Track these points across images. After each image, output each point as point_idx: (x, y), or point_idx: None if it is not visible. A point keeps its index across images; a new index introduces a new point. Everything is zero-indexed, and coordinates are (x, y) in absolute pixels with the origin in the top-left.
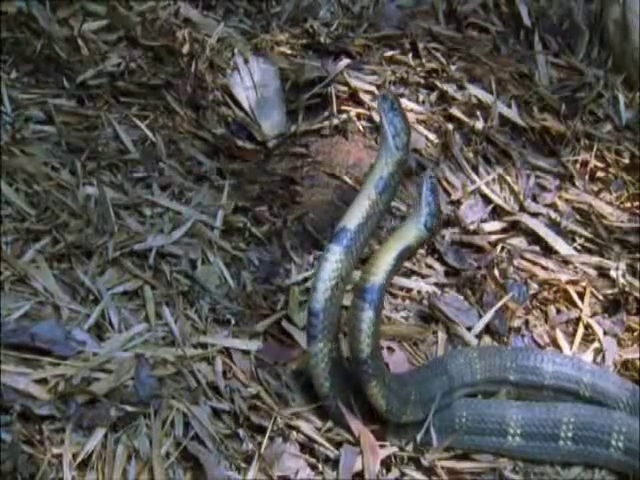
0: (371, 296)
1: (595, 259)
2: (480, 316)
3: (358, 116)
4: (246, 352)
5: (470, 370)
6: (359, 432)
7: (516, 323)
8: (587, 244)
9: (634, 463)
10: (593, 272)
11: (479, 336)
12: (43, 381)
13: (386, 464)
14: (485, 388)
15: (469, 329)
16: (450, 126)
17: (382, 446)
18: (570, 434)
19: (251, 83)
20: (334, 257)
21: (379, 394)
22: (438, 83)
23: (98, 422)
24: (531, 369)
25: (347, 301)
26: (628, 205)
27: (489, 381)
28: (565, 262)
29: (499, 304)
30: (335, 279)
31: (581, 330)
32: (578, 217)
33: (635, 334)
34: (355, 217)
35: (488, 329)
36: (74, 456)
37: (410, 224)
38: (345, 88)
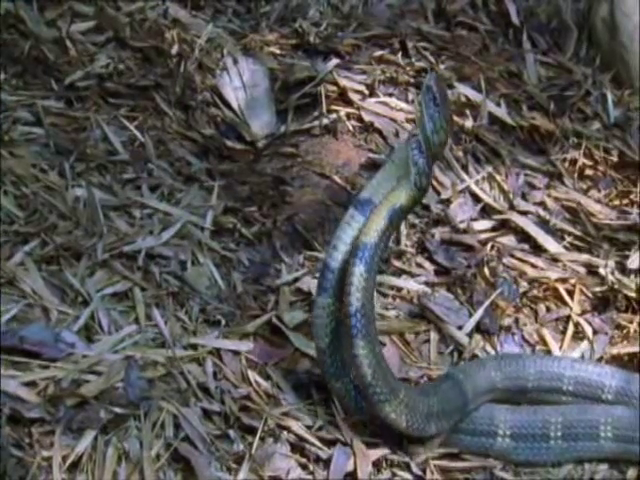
0: (362, 253)
1: (584, 257)
2: (470, 315)
3: (348, 116)
4: (236, 353)
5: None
6: (351, 437)
7: (506, 322)
8: (576, 242)
9: (627, 447)
10: (582, 270)
11: (470, 335)
12: (32, 384)
13: (377, 465)
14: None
15: (460, 328)
16: None
17: (374, 447)
18: (560, 433)
19: (240, 83)
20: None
21: (393, 413)
22: None
23: (88, 424)
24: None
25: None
26: (617, 203)
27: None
28: (554, 260)
29: (488, 301)
30: (352, 238)
31: (571, 328)
32: (567, 215)
33: (625, 331)
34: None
35: (478, 328)
36: (64, 459)
37: (400, 187)
38: (334, 88)
